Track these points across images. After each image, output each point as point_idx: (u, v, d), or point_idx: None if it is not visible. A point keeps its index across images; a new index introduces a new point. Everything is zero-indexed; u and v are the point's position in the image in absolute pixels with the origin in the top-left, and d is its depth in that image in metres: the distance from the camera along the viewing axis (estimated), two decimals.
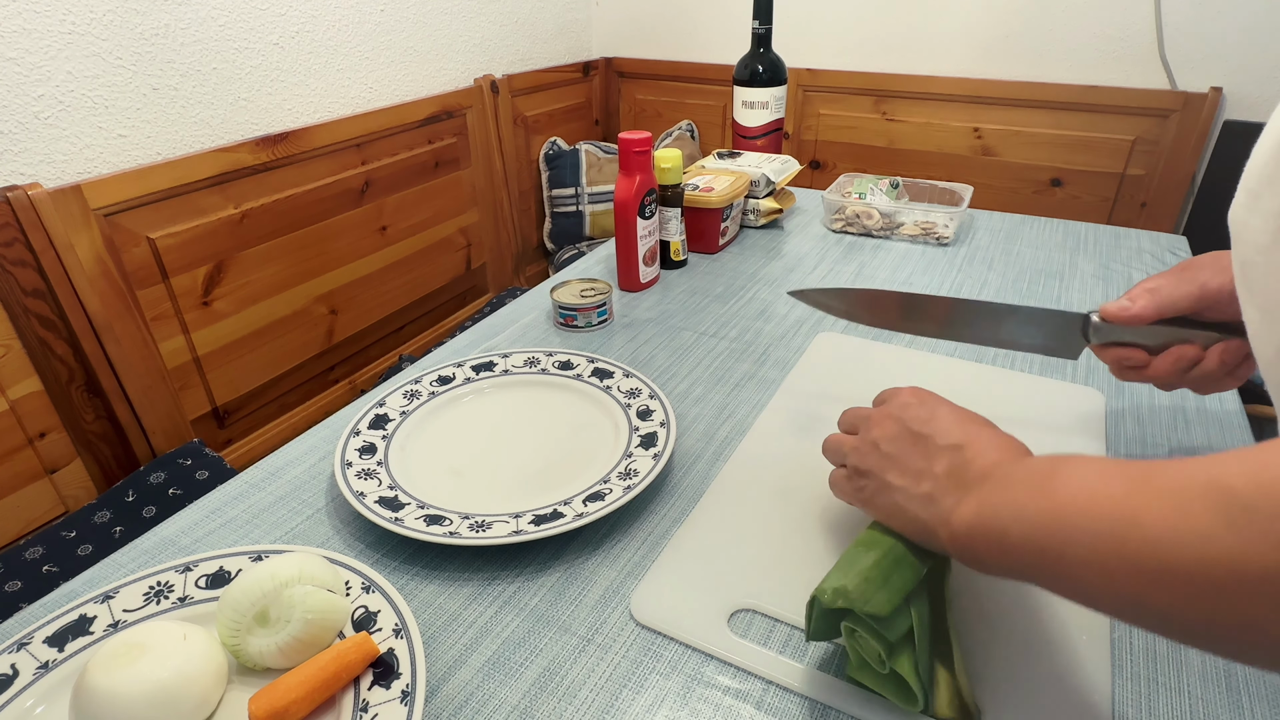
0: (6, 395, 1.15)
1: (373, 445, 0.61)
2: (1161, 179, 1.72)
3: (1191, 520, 0.27)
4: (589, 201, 2.11)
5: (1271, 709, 0.41)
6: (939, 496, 0.40)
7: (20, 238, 1.12)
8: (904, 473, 0.43)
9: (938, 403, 0.45)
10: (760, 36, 1.20)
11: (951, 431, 0.42)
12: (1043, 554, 0.33)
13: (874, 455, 0.45)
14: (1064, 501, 0.32)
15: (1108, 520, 0.30)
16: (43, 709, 0.41)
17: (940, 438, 0.42)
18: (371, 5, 1.61)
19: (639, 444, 0.60)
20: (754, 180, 1.06)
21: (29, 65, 1.12)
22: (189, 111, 1.33)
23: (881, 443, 0.45)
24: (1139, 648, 0.45)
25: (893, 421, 0.45)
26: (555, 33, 2.18)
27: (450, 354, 0.79)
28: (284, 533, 0.56)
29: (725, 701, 0.43)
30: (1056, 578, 0.33)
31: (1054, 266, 0.95)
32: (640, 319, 0.85)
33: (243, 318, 1.45)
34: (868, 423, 0.47)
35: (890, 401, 0.47)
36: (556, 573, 0.52)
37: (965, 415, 0.44)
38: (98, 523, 1.17)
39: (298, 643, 0.42)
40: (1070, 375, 0.72)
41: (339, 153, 1.58)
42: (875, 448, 0.45)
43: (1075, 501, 0.32)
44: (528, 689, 0.44)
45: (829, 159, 2.10)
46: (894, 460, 0.43)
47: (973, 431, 0.42)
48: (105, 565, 0.53)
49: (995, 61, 1.82)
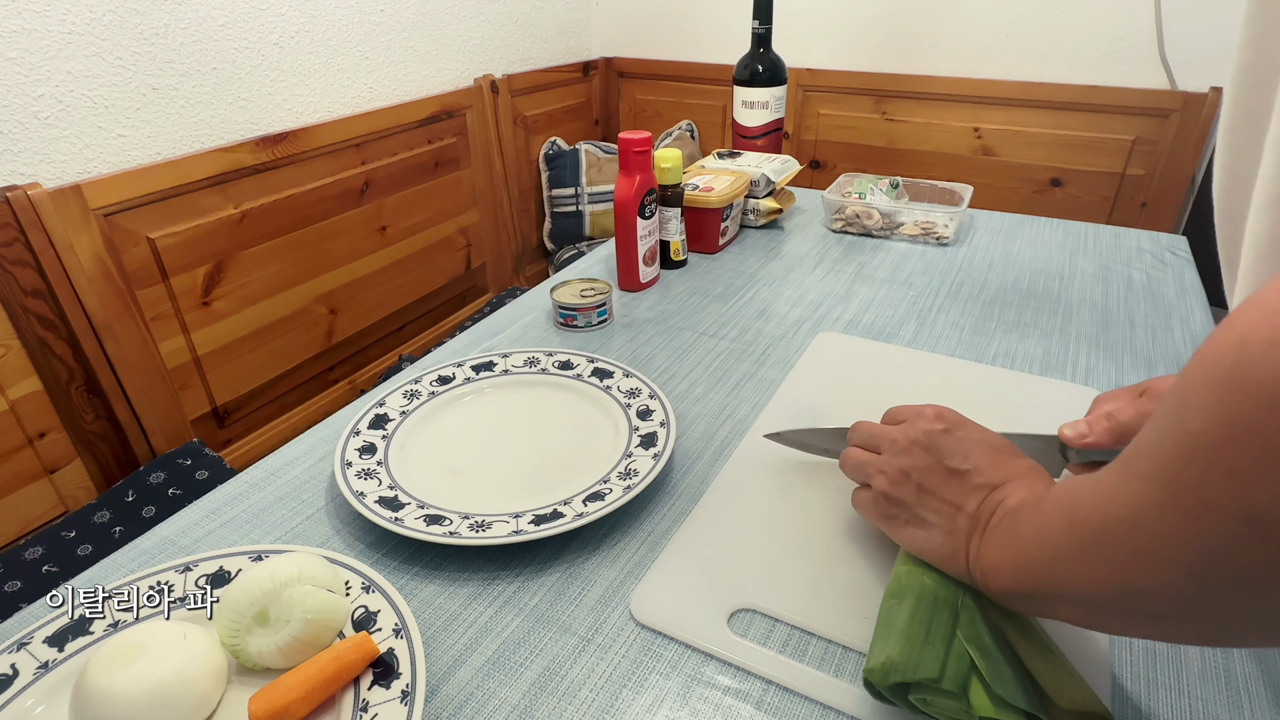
0: (6, 395, 1.15)
1: (373, 445, 0.61)
2: (1161, 179, 1.72)
3: (1101, 484, 0.30)
4: (589, 201, 2.11)
5: (1272, 708, 0.41)
6: (972, 535, 0.41)
7: (20, 238, 1.12)
8: (938, 511, 0.43)
9: (968, 430, 0.45)
10: (760, 36, 1.20)
11: (987, 469, 0.42)
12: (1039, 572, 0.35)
13: (906, 486, 0.44)
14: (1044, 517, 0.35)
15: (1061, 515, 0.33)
16: (43, 709, 0.41)
17: (977, 475, 0.42)
18: (371, 5, 1.61)
19: (639, 444, 0.60)
20: (754, 180, 1.06)
21: (29, 65, 1.12)
22: (189, 111, 1.33)
23: (914, 474, 0.44)
24: (1139, 647, 0.45)
25: (923, 452, 0.44)
26: (555, 33, 2.18)
27: (450, 354, 0.79)
28: (284, 533, 0.56)
29: (725, 701, 0.42)
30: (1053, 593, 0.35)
31: (1054, 266, 0.95)
32: (640, 319, 0.85)
33: (243, 318, 1.45)
34: (895, 446, 0.46)
35: (914, 423, 0.46)
36: (556, 573, 0.52)
37: (996, 448, 0.44)
38: (97, 523, 1.17)
39: (297, 643, 0.42)
40: (1070, 375, 0.72)
41: (339, 153, 1.58)
42: (907, 478, 0.44)
43: (1049, 511, 0.34)
44: (528, 689, 0.44)
45: (829, 159, 2.10)
46: (928, 496, 0.43)
47: (1007, 468, 0.42)
48: (105, 565, 0.53)
49: (995, 61, 1.82)
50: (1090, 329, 0.80)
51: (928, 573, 0.43)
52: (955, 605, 0.41)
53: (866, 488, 0.48)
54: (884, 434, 0.48)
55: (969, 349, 0.77)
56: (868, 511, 0.48)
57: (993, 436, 0.45)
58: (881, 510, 0.46)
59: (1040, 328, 0.81)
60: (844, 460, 0.50)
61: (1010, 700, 0.36)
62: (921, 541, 0.43)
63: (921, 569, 0.44)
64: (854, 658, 0.44)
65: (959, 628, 0.40)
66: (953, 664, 0.38)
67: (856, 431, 0.51)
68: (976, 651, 0.39)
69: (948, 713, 0.38)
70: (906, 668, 0.38)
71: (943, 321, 0.82)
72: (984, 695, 0.37)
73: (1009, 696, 0.37)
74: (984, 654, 0.39)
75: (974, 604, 0.41)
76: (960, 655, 0.39)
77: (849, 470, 0.50)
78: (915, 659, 0.38)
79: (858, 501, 0.49)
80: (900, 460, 0.45)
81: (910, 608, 0.41)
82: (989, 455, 0.43)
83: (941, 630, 0.40)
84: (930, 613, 0.41)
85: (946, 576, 0.43)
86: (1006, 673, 0.38)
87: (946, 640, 0.39)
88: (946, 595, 0.42)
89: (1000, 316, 0.83)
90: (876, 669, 0.39)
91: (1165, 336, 0.78)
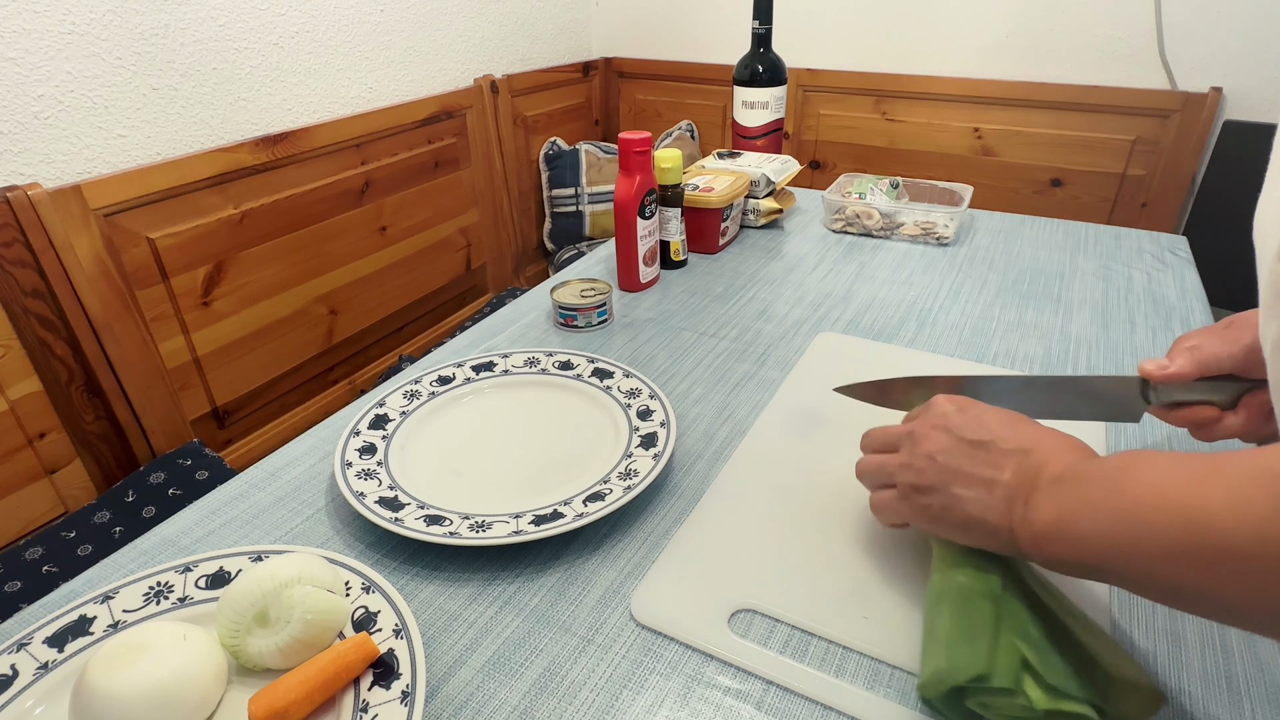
0: (6, 395, 1.15)
1: (373, 445, 0.61)
2: (1162, 179, 1.72)
3: (1248, 506, 0.28)
4: (589, 201, 2.11)
5: (1272, 709, 0.41)
6: (1014, 502, 0.40)
7: (20, 238, 1.12)
8: (971, 483, 0.42)
9: (979, 407, 0.45)
10: (760, 36, 1.20)
11: (1010, 436, 0.42)
12: (1119, 550, 0.34)
13: (933, 470, 0.43)
14: (1136, 497, 0.33)
15: (1173, 510, 0.31)
16: (42, 709, 0.41)
17: (1002, 443, 0.42)
18: (371, 5, 1.61)
19: (639, 444, 0.60)
20: (754, 180, 1.06)
21: (29, 65, 1.12)
22: (188, 111, 1.33)
23: (938, 455, 0.43)
24: (1139, 648, 0.45)
25: (942, 433, 0.44)
26: (555, 33, 2.17)
27: (450, 354, 0.79)
28: (284, 533, 0.56)
29: (725, 702, 0.42)
30: (1132, 573, 0.34)
31: (1054, 266, 0.95)
32: (640, 319, 0.85)
33: (242, 318, 1.45)
34: (912, 438, 0.45)
35: (928, 414, 0.46)
36: (557, 573, 0.51)
37: (1012, 417, 0.44)
38: (97, 523, 1.17)
39: (297, 643, 0.42)
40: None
41: (339, 153, 1.58)
42: (932, 461, 0.44)
43: (1145, 496, 0.33)
44: (528, 689, 0.44)
45: (829, 159, 2.10)
46: (958, 472, 0.42)
47: (1032, 434, 0.42)
48: (105, 565, 0.53)
49: (995, 61, 1.82)
50: (1090, 329, 0.80)
51: (961, 570, 0.42)
52: (995, 596, 0.40)
53: (885, 489, 0.47)
54: (897, 432, 0.47)
55: (969, 349, 0.77)
56: (897, 511, 0.46)
57: (1007, 411, 0.45)
58: (912, 504, 0.45)
59: (1040, 328, 0.81)
60: (861, 469, 0.49)
61: (1065, 690, 0.36)
62: (961, 521, 0.42)
63: (953, 569, 0.43)
64: (854, 658, 0.44)
65: (1002, 620, 0.39)
66: (1002, 658, 0.38)
67: (869, 438, 0.50)
68: (1024, 643, 0.38)
69: (1009, 712, 0.37)
70: (954, 672, 0.37)
71: (943, 322, 0.82)
72: (1039, 689, 0.37)
73: (1063, 686, 0.36)
74: (1032, 645, 0.38)
75: (1015, 592, 0.41)
76: (1010, 649, 0.38)
77: (867, 478, 0.49)
78: (962, 661, 0.38)
79: (881, 505, 0.47)
80: (921, 447, 0.45)
81: (949, 612, 0.41)
82: (1006, 422, 0.43)
83: (985, 624, 0.39)
84: (969, 610, 0.40)
85: (980, 569, 0.42)
86: (1056, 661, 0.37)
87: (992, 634, 0.38)
88: (983, 588, 0.41)
89: (1000, 317, 0.83)
90: (928, 682, 0.38)
91: (1165, 337, 0.78)
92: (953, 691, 0.38)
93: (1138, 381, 0.50)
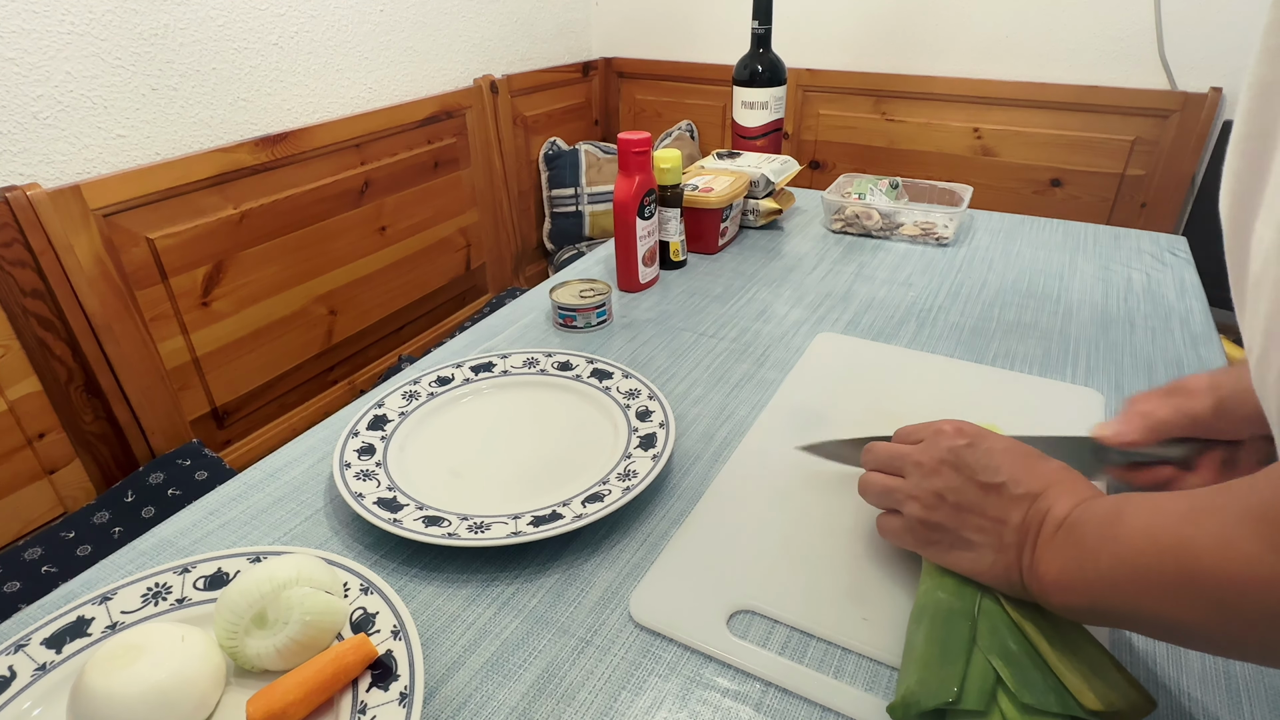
0: (6, 396, 1.15)
1: (371, 446, 0.61)
2: (1161, 179, 1.72)
3: (1237, 547, 0.28)
4: (588, 202, 2.11)
5: (1271, 710, 0.41)
6: (1022, 549, 0.40)
7: (19, 238, 1.12)
8: (981, 529, 0.42)
9: (989, 440, 0.44)
10: (760, 36, 1.20)
11: (1023, 479, 0.41)
12: (1124, 596, 0.34)
13: (943, 509, 0.43)
14: (1131, 544, 0.33)
15: (1167, 555, 0.31)
16: (40, 711, 0.41)
17: (1014, 486, 0.41)
18: (371, 5, 1.61)
19: (638, 445, 0.60)
20: (753, 180, 1.06)
21: (28, 65, 1.12)
22: (188, 111, 1.33)
23: (948, 494, 0.43)
24: (1139, 649, 0.45)
25: (952, 471, 0.43)
26: (555, 33, 2.17)
27: (449, 355, 0.79)
28: (282, 534, 0.55)
29: (724, 703, 0.42)
30: (1141, 616, 0.34)
31: (1054, 267, 0.95)
32: (639, 319, 0.85)
33: (242, 318, 1.45)
34: (920, 469, 0.45)
35: (935, 441, 0.45)
36: (555, 574, 0.51)
37: (1023, 453, 0.43)
38: (97, 523, 1.17)
39: (296, 644, 0.42)
40: (1070, 376, 0.72)
41: (338, 153, 1.58)
42: (941, 500, 0.43)
43: (1139, 543, 0.33)
44: (526, 690, 0.44)
45: (829, 159, 2.10)
46: (968, 515, 0.42)
47: (1044, 474, 0.41)
48: (103, 566, 0.53)
49: (995, 61, 1.82)
50: (1090, 329, 0.80)
51: (943, 586, 0.42)
52: (973, 614, 0.40)
53: (893, 513, 0.47)
54: (904, 456, 0.46)
55: (969, 349, 0.77)
56: (902, 539, 0.46)
57: (1016, 444, 0.44)
58: (920, 537, 0.45)
59: (1040, 328, 0.80)
60: (864, 486, 0.49)
61: (1041, 706, 0.36)
62: (970, 563, 0.42)
63: (937, 583, 0.43)
64: (853, 659, 0.44)
65: (979, 638, 0.39)
66: (974, 680, 0.37)
67: (872, 454, 0.49)
68: (1000, 661, 0.38)
69: None
70: (924, 695, 0.37)
71: (943, 322, 0.82)
72: (1014, 708, 0.36)
73: (1039, 702, 0.36)
74: (1008, 661, 0.38)
75: (995, 606, 0.41)
76: (982, 670, 0.38)
77: (872, 497, 0.49)
78: (933, 685, 0.37)
79: (888, 529, 0.48)
80: (930, 483, 0.44)
81: (925, 630, 0.40)
82: (1019, 463, 0.42)
83: (958, 646, 0.39)
84: (945, 630, 0.40)
85: (963, 582, 0.42)
86: (1035, 677, 0.37)
87: (965, 656, 0.38)
88: (963, 606, 0.41)
89: (1000, 317, 0.83)
90: (898, 704, 0.38)
91: (1165, 337, 0.78)
92: (921, 715, 0.38)
93: (1092, 443, 0.50)
